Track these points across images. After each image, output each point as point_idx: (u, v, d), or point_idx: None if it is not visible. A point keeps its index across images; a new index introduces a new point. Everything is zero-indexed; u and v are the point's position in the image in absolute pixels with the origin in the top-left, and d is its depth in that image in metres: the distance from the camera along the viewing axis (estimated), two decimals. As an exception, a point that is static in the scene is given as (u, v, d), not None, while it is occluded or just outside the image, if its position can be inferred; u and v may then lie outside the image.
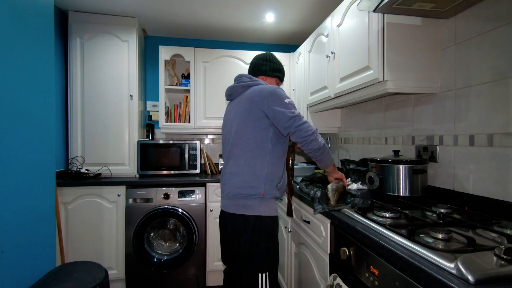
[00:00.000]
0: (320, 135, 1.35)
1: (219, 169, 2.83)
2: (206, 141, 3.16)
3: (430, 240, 0.85)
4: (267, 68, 1.54)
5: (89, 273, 1.38)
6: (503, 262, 0.70)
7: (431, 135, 1.50)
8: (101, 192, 2.31)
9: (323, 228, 1.38)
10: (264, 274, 1.31)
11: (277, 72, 1.57)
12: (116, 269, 2.33)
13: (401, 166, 1.42)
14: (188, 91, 2.84)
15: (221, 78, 2.78)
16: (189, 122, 2.81)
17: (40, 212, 1.42)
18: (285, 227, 1.99)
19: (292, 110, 1.32)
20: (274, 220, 1.38)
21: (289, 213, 1.56)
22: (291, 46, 3.29)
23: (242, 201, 1.34)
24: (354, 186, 1.74)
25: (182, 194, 2.37)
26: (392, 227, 0.96)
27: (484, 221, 1.05)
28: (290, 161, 1.53)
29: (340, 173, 1.51)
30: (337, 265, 1.24)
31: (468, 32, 1.30)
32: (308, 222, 1.55)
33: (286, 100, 1.34)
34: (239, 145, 1.38)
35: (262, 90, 1.37)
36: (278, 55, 2.92)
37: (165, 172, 2.62)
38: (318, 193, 1.43)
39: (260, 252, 1.32)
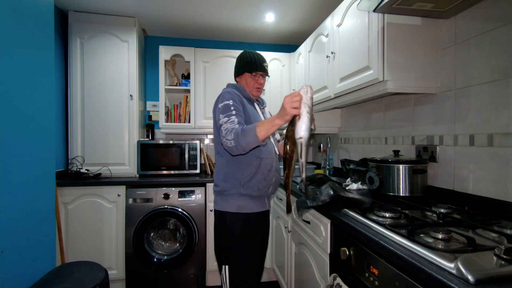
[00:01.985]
0: (230, 134, 1.22)
1: (219, 169, 2.83)
2: (206, 141, 3.16)
3: (430, 240, 0.85)
4: (236, 69, 1.57)
5: (89, 273, 1.38)
6: (503, 262, 0.70)
7: (431, 135, 1.50)
8: (101, 192, 2.31)
9: (323, 228, 1.38)
10: (225, 266, 1.41)
11: (244, 68, 1.51)
12: (116, 269, 2.33)
13: (401, 166, 1.42)
14: (188, 91, 2.84)
15: (221, 78, 2.78)
16: (189, 122, 2.81)
17: (40, 212, 1.43)
18: (285, 227, 1.99)
19: (219, 115, 1.33)
20: (235, 216, 1.41)
21: (288, 210, 1.38)
22: (291, 46, 3.29)
23: (214, 197, 1.51)
24: (354, 186, 1.74)
25: (182, 194, 2.37)
26: (392, 227, 0.95)
27: (484, 221, 1.05)
28: (287, 154, 1.20)
29: (282, 113, 1.12)
30: (337, 265, 1.24)
31: (468, 32, 1.30)
32: (308, 222, 1.55)
33: (220, 105, 1.36)
34: (214, 150, 1.55)
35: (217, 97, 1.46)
36: (278, 55, 2.92)
37: (165, 172, 2.62)
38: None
39: (219, 244, 1.45)
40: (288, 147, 1.15)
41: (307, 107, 1.08)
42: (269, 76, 1.60)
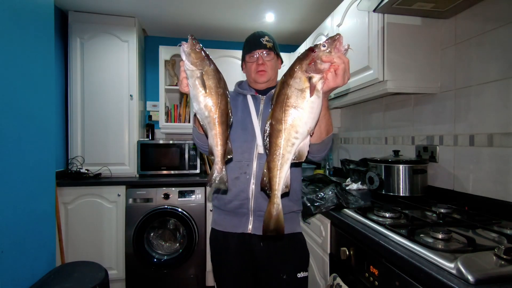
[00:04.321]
0: None
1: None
2: (206, 141, 3.15)
3: (430, 240, 0.85)
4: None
5: (89, 273, 1.38)
6: (503, 262, 0.70)
7: (431, 135, 1.50)
8: (101, 192, 2.31)
9: (323, 228, 1.38)
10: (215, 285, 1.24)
11: (242, 54, 1.27)
12: (116, 269, 2.33)
13: (401, 166, 1.42)
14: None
15: (221, 78, 2.78)
16: (189, 122, 2.81)
17: (40, 212, 1.42)
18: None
19: None
20: (212, 233, 1.21)
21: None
22: (291, 46, 3.29)
23: None
24: (354, 186, 1.75)
25: (182, 194, 2.37)
26: (392, 227, 0.95)
27: (484, 221, 1.05)
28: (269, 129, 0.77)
29: None
30: (337, 265, 1.24)
31: (468, 32, 1.30)
32: (308, 222, 1.55)
33: None
34: None
35: None
36: (278, 55, 2.92)
37: (165, 172, 2.62)
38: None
39: None
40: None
41: (191, 72, 0.74)
42: (275, 51, 1.19)
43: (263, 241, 1.11)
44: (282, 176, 0.73)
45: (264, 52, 1.17)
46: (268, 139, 0.73)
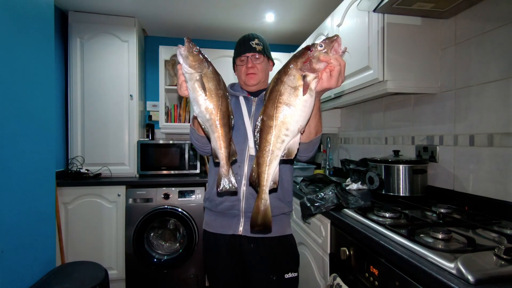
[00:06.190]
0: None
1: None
2: (206, 141, 3.15)
3: (430, 240, 0.85)
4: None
5: (89, 273, 1.38)
6: (503, 262, 0.70)
7: (431, 135, 1.50)
8: (101, 192, 2.31)
9: (323, 228, 1.38)
10: None
11: (233, 56, 1.30)
12: (116, 269, 2.33)
13: (401, 166, 1.42)
14: (188, 91, 2.84)
15: (221, 78, 2.77)
16: (189, 122, 2.81)
17: (40, 212, 1.42)
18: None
19: None
20: (204, 234, 1.23)
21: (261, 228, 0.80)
22: (291, 46, 3.29)
23: None
24: (354, 186, 1.75)
25: (182, 194, 2.37)
26: (392, 227, 0.95)
27: (484, 221, 1.05)
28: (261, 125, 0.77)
29: None
30: (337, 265, 1.24)
31: (468, 32, 1.30)
32: (308, 222, 1.55)
33: None
34: None
35: None
36: (278, 55, 2.92)
37: (165, 172, 2.62)
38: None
39: None
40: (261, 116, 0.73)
41: (189, 75, 0.74)
42: (265, 54, 1.21)
43: (253, 243, 1.12)
44: (270, 172, 0.73)
45: (254, 55, 1.18)
46: (258, 135, 0.73)
